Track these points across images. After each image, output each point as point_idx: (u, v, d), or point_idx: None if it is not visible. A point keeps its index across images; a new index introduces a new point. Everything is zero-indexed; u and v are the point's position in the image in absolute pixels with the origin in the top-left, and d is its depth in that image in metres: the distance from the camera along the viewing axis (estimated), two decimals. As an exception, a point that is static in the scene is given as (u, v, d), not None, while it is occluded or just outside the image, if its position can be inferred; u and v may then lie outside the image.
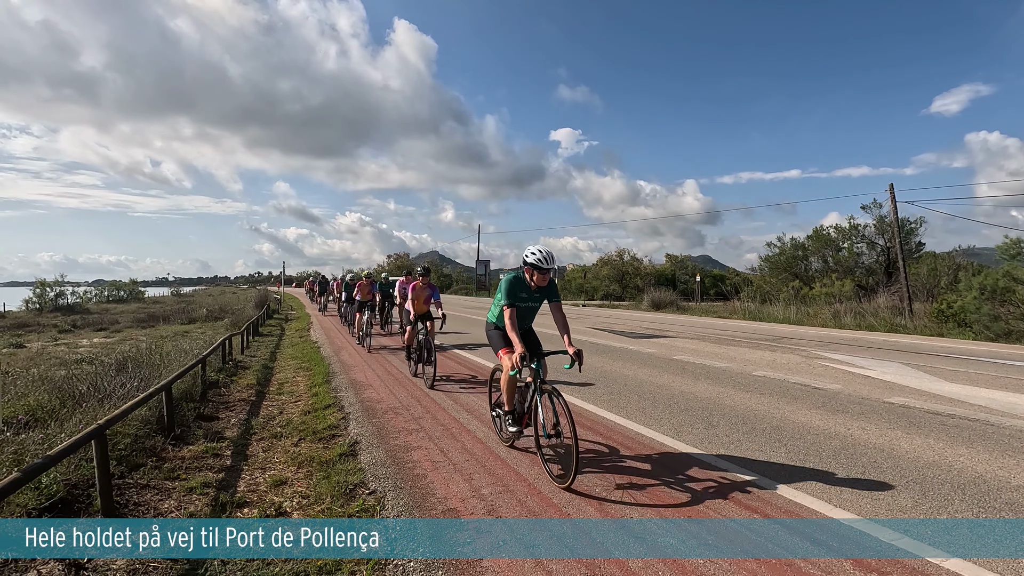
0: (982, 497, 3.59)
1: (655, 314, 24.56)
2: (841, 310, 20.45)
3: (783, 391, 6.88)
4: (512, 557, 2.86)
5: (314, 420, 5.70)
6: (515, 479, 3.95)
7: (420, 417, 5.70)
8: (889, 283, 24.55)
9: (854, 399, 6.43)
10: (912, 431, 5.10)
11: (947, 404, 6.17)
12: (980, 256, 28.35)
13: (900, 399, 6.42)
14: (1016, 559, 2.80)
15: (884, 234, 26.78)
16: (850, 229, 28.58)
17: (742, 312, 23.47)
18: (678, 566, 2.76)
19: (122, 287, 42.82)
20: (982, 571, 2.68)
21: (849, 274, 27.13)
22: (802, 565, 2.75)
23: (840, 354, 10.36)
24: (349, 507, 3.53)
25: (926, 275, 23.86)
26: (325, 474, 4.12)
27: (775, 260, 31.21)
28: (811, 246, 30.04)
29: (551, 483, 3.83)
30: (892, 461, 4.27)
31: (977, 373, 8.25)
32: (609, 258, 47.67)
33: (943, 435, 4.97)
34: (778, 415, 5.71)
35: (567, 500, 3.57)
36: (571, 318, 4.88)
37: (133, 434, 4.74)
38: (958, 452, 4.50)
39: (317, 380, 7.84)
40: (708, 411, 5.86)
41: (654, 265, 46.51)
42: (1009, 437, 4.90)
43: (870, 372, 8.28)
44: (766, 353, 10.45)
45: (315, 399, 6.69)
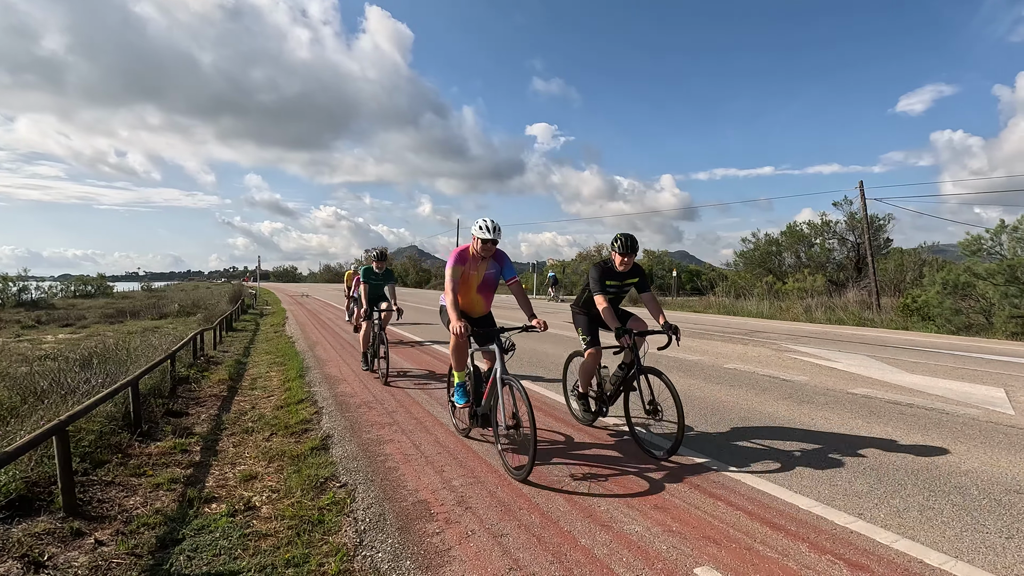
0: (933, 481, 3.74)
1: (632, 308, 24.73)
2: (812, 304, 20.94)
3: (752, 383, 7.04)
4: (481, 546, 2.90)
5: (287, 415, 5.65)
6: (486, 470, 3.98)
7: (394, 411, 5.70)
8: (859, 278, 25.21)
9: (820, 390, 6.62)
10: (872, 420, 5.28)
11: (907, 394, 6.39)
12: (945, 252, 29.22)
13: (863, 390, 6.63)
14: (960, 539, 2.94)
15: (854, 230, 27.48)
16: (822, 225, 29.25)
17: (717, 306, 23.86)
18: (642, 552, 2.83)
19: (89, 282, 41.61)
20: (928, 551, 2.80)
21: (821, 269, 27.75)
22: (760, 549, 2.84)
23: (809, 347, 10.63)
24: (319, 500, 3.53)
25: (893, 271, 24.57)
26: (296, 468, 4.10)
27: (750, 256, 31.77)
28: (785, 242, 30.65)
29: (522, 474, 3.88)
30: (852, 449, 4.42)
31: (936, 365, 8.55)
32: (588, 253, 47.96)
33: (901, 424, 5.16)
34: (746, 406, 5.85)
35: (536, 490, 3.62)
36: (548, 312, 4.93)
37: (98, 431, 4.65)
38: (913, 439, 4.67)
39: (291, 375, 7.77)
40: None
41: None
42: (962, 425, 5.11)
43: (836, 364, 8.52)
44: (738, 346, 10.67)
45: (288, 394, 6.63)
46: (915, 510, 3.30)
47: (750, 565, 2.68)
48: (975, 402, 5.99)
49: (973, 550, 2.82)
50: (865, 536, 2.97)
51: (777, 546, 2.86)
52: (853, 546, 2.86)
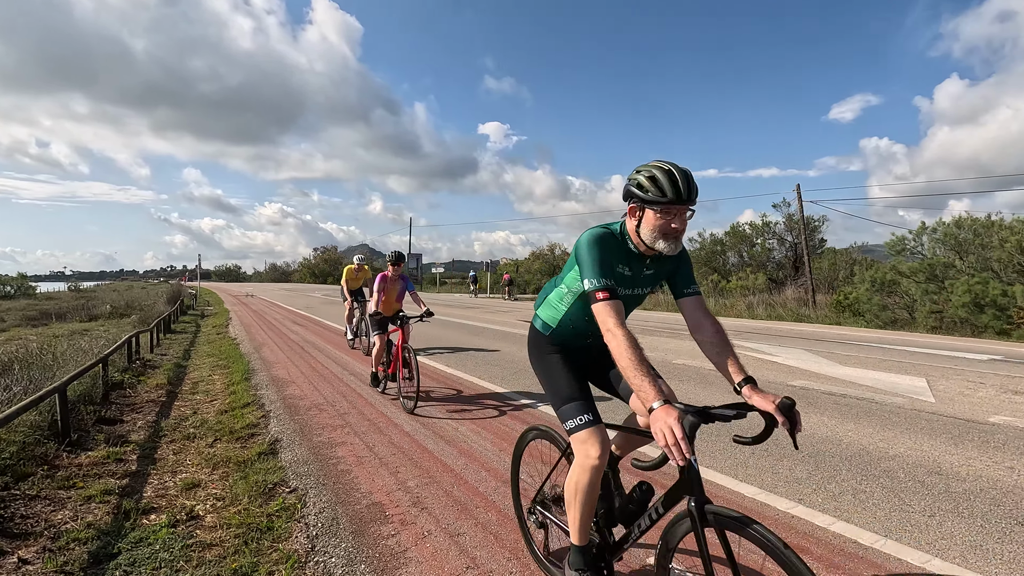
0: (865, 466, 3.99)
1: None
2: (754, 302, 21.90)
3: (700, 377, 7.29)
4: (438, 546, 2.88)
5: (231, 419, 5.42)
6: (442, 470, 3.95)
7: (346, 413, 5.57)
8: (796, 277, 26.54)
9: (762, 383, 6.92)
10: (810, 410, 5.57)
11: (840, 385, 6.78)
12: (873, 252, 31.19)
13: (801, 382, 6.98)
14: (888, 519, 3.14)
15: (792, 231, 28.89)
16: (763, 226, 30.60)
17: (667, 304, 24.57)
18: (597, 545, 2.88)
19: (8, 282, 38.59)
20: (861, 532, 2.99)
21: (762, 268, 29.04)
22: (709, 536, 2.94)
23: (752, 342, 11.10)
24: (268, 507, 3.40)
25: (827, 269, 26.00)
26: (243, 474, 3.94)
27: (696, 255, 32.85)
28: (729, 242, 31.89)
29: (478, 472, 3.88)
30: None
31: (866, 357, 9.11)
32: (541, 252, 48.36)
33: (836, 413, 5.47)
34: (693, 399, 6.05)
35: (493, 488, 3.62)
36: (503, 311, 4.92)
37: (20, 441, 4.32)
38: (847, 428, 4.97)
39: (235, 378, 7.46)
40: (630, 398, 6.11)
41: (584, 259, 47.54)
42: (889, 413, 5.47)
43: (777, 358, 8.94)
44: (686, 343, 11.02)
45: (233, 397, 6.36)
46: (849, 494, 3.51)
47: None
48: (901, 391, 6.43)
49: (900, 529, 3.03)
50: (805, 520, 3.13)
51: (725, 533, 2.98)
52: (794, 530, 3.01)
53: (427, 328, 12.69)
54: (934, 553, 2.77)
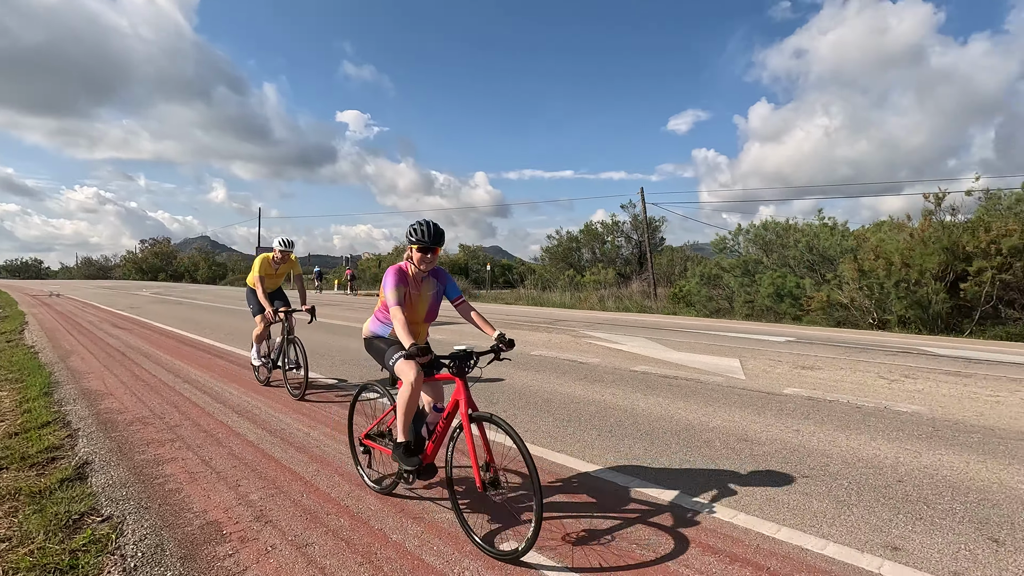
0: (689, 439, 4.53)
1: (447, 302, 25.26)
2: (605, 295, 23.68)
3: (555, 367, 7.71)
4: (283, 561, 2.70)
5: (24, 443, 4.54)
6: (291, 479, 3.71)
7: (177, 425, 4.97)
8: (641, 272, 29.23)
9: (609, 370, 7.53)
10: (648, 392, 6.17)
11: (673, 368, 7.61)
12: (703, 250, 35.39)
13: (642, 367, 7.71)
14: (707, 483, 3.61)
15: (637, 230, 31.75)
16: (612, 225, 33.18)
17: (526, 298, 25.58)
18: (453, 538, 2.91)
19: None
20: (685, 497, 3.39)
21: (612, 264, 31.50)
22: (555, 513, 3.13)
23: (602, 332, 12.00)
24: (72, 541, 2.91)
25: (666, 265, 28.96)
26: (37, 507, 3.33)
27: (554, 251, 34.68)
28: (583, 239, 34.09)
29: (331, 477, 3.70)
30: (632, 419, 5.12)
31: (695, 343, 10.34)
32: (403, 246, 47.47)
33: (669, 394, 6.13)
34: (549, 388, 6.38)
35: (346, 492, 3.48)
36: (364, 308, 4.74)
37: None
38: (678, 407, 5.59)
39: (31, 393, 6.26)
40: (488, 390, 6.27)
41: (448, 255, 47.79)
42: (710, 391, 6.27)
43: (622, 346, 9.77)
44: (543, 334, 11.58)
45: (27, 417, 5.33)
46: (676, 465, 3.95)
47: (561, 537, 2.94)
48: (719, 371, 7.40)
49: (712, 488, 3.49)
50: (642, 491, 3.47)
51: (570, 510, 3.19)
52: (634, 501, 3.32)
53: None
54: (739, 509, 3.24)
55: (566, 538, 2.89)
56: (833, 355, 8.93)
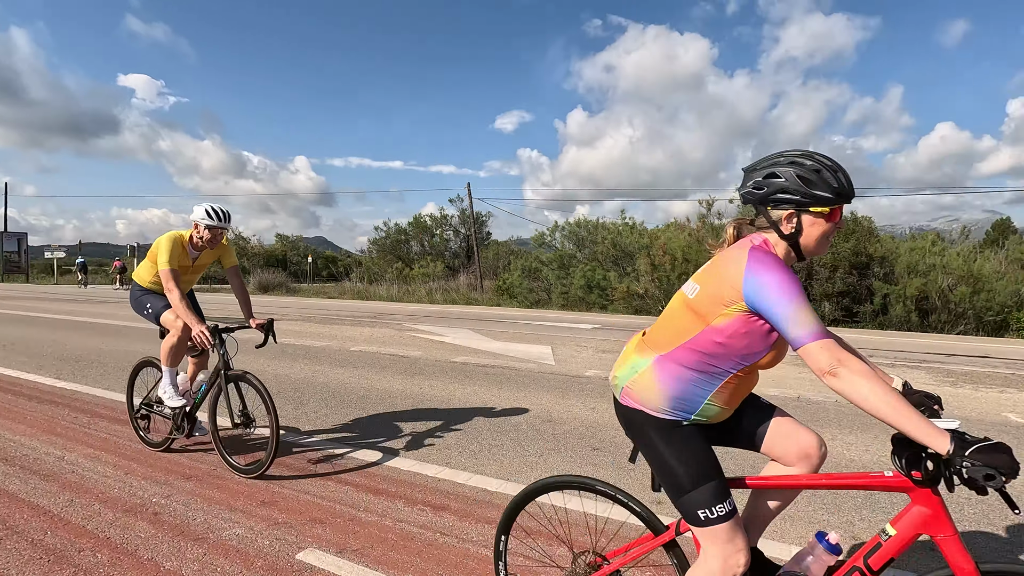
0: (499, 425, 4.76)
1: (263, 297, 23.16)
2: (434, 288, 23.80)
3: (375, 362, 7.52)
4: (8, 617, 2.19)
5: None
6: (30, 515, 3.04)
7: None
8: (468, 265, 29.95)
9: (430, 362, 7.57)
10: (466, 383, 6.35)
11: (491, 358, 7.94)
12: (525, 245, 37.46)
13: (462, 358, 7.90)
14: (512, 465, 3.82)
15: (465, 224, 32.44)
16: (441, 219, 33.45)
17: (352, 292, 24.55)
18: (242, 555, 2.66)
19: None
20: (489, 480, 3.55)
21: (440, 257, 31.77)
22: (363, 516, 3.04)
23: (427, 325, 12.03)
24: None
25: (492, 259, 30.10)
26: None
27: (382, 243, 33.83)
28: (412, 232, 33.80)
29: (91, 506, 3.12)
30: (447, 410, 5.21)
31: (514, 332, 10.92)
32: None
33: (485, 382, 6.37)
34: (366, 384, 6.20)
35: (110, 522, 2.96)
36: (110, 302, 4.06)
37: None
38: (492, 394, 5.84)
39: None
40: (299, 391, 5.87)
41: (263, 245, 43.65)
42: (524, 377, 6.67)
43: (445, 338, 9.91)
44: (366, 329, 11.21)
45: None
46: (486, 451, 4.12)
47: (351, 534, 2.85)
48: (533, 358, 7.91)
49: (519, 471, 3.72)
50: (450, 481, 3.54)
51: (378, 509, 3.13)
52: (440, 491, 3.38)
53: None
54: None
55: (346, 528, 2.83)
56: (628, 339, 10.13)
